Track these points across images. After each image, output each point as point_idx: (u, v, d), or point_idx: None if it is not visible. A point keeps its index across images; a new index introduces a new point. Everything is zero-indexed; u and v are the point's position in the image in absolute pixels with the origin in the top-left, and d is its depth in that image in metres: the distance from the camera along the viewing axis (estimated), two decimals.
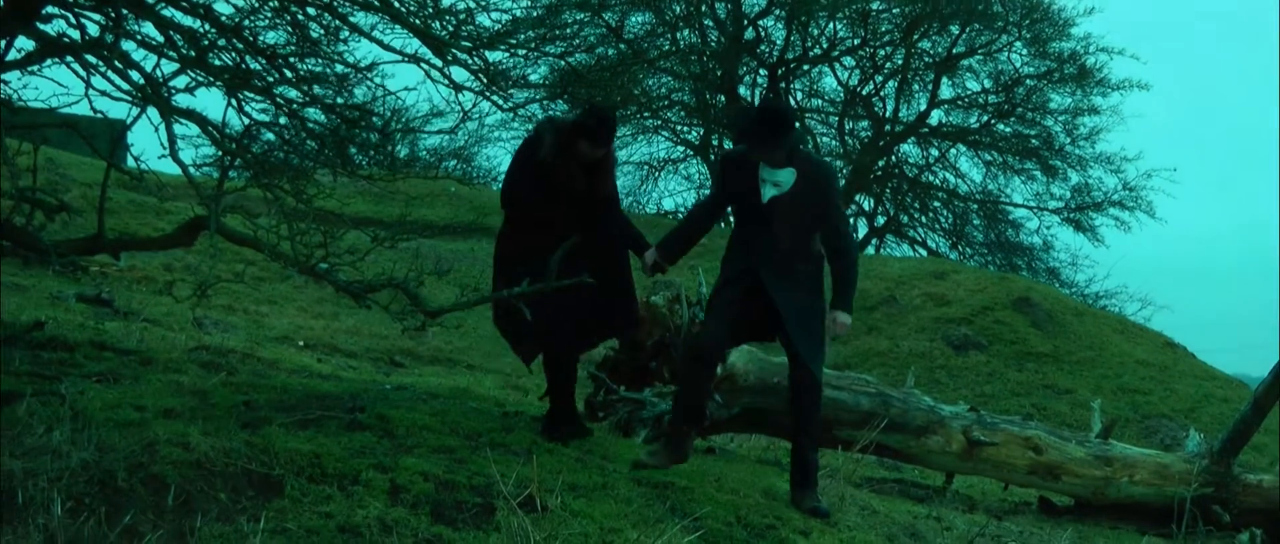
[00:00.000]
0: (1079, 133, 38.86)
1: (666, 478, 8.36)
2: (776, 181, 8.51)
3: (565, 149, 8.76)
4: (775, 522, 7.99)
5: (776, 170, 8.50)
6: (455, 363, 17.05)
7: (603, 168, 8.95)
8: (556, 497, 7.07)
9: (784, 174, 8.50)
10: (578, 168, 8.79)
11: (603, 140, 8.81)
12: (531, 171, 8.84)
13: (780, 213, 8.52)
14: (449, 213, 27.92)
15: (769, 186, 8.51)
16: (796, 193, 8.51)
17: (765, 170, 8.52)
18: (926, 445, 11.93)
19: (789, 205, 8.52)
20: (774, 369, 11.78)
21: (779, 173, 8.51)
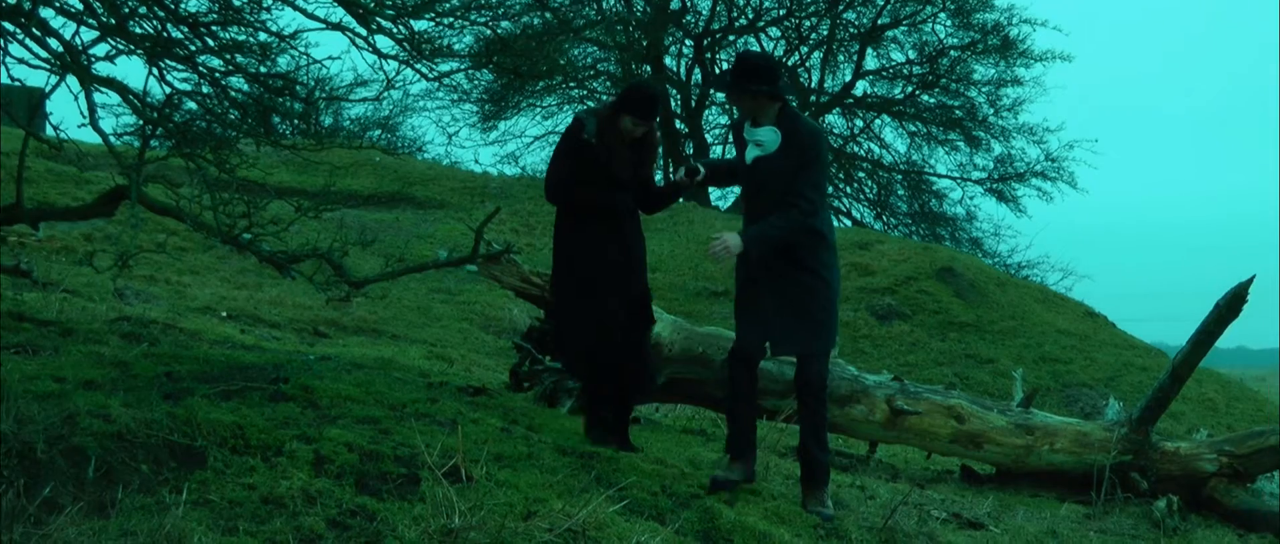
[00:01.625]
0: (1002, 104, 39.22)
1: (592, 448, 8.37)
2: (758, 141, 8.18)
3: (608, 129, 8.51)
4: (700, 491, 8.02)
5: (757, 129, 8.19)
6: (380, 333, 16.98)
7: (646, 147, 8.73)
8: (482, 467, 7.06)
9: (765, 133, 8.16)
10: (623, 147, 8.56)
11: (647, 114, 8.56)
12: (574, 159, 8.55)
13: (761, 177, 8.18)
14: (373, 183, 27.80)
15: (752, 147, 8.21)
16: (779, 155, 8.11)
17: (748, 130, 8.25)
18: (850, 415, 11.99)
19: (769, 169, 8.14)
20: (699, 339, 11.81)
21: (759, 131, 8.18)
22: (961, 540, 8.99)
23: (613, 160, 8.50)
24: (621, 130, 8.50)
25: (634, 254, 8.71)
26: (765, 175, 8.12)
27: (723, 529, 7.40)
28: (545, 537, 6.24)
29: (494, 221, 12.06)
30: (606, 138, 8.49)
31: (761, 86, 8.06)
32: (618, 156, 8.52)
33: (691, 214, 30.71)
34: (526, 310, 16.61)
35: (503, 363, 15.08)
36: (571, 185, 8.56)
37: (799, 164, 8.06)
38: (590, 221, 8.58)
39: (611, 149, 8.49)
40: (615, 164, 8.52)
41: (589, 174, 8.51)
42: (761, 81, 8.06)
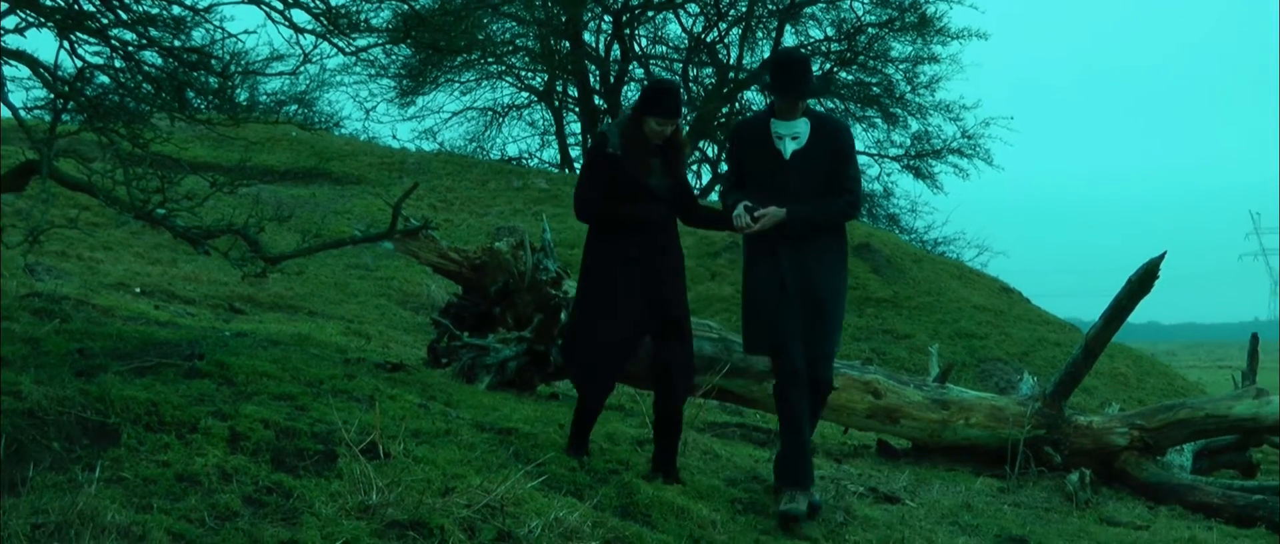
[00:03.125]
0: (919, 81, 39.36)
1: (510, 424, 8.36)
2: (794, 134, 8.08)
3: (633, 137, 8.07)
4: (618, 466, 8.03)
5: (792, 122, 8.10)
6: (297, 309, 16.88)
7: (673, 148, 8.18)
8: (399, 443, 7.04)
9: (800, 125, 8.10)
10: (649, 155, 8.08)
11: (670, 111, 8.05)
12: (602, 173, 8.10)
13: (797, 169, 8.06)
14: (290, 158, 27.62)
15: (788, 141, 8.07)
16: (811, 146, 8.08)
17: (780, 125, 8.10)
18: (768, 390, 11.99)
19: (805, 161, 8.08)
20: None
21: (795, 124, 8.10)
22: (878, 514, 9.05)
23: (642, 170, 8.07)
24: (647, 135, 8.04)
25: (668, 269, 8.18)
26: (802, 167, 8.07)
27: (641, 505, 7.42)
28: (463, 513, 6.23)
29: (412, 197, 12.01)
30: (632, 147, 8.06)
31: (817, 86, 8.07)
32: (643, 165, 8.07)
33: None
34: (445, 286, 16.56)
35: (421, 339, 15.03)
36: (599, 201, 8.10)
37: (838, 155, 8.17)
38: (623, 237, 8.11)
39: (637, 158, 8.05)
40: (642, 173, 8.07)
41: (619, 188, 8.07)
42: (813, 81, 8.17)
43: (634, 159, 8.04)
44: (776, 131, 8.09)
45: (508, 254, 11.61)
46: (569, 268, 12.59)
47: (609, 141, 8.12)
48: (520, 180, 30.71)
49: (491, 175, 30.89)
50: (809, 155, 8.07)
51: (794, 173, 8.06)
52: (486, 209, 27.32)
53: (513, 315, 11.62)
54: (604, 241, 8.18)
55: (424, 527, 6.02)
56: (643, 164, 8.06)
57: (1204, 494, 11.59)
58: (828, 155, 8.12)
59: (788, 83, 8.08)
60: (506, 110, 41.35)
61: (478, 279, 11.73)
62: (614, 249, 8.12)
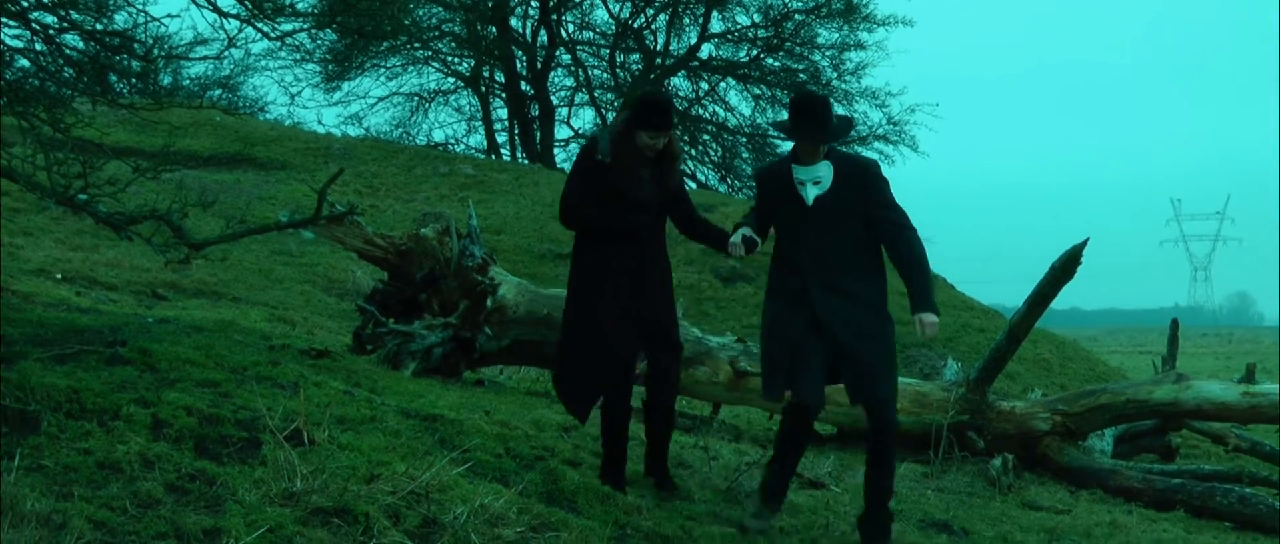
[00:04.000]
0: (846, 68, 39.70)
1: (436, 410, 8.35)
2: (815, 179, 7.71)
3: (624, 147, 7.87)
4: (544, 452, 8.04)
5: (813, 167, 7.73)
6: (220, 296, 16.77)
7: (667, 158, 8.01)
8: (324, 430, 7.01)
9: (821, 170, 7.72)
10: (640, 166, 7.91)
11: (662, 125, 7.85)
12: (589, 180, 7.92)
13: (824, 215, 7.68)
14: (214, 143, 27.40)
15: (810, 187, 7.71)
16: (837, 191, 7.68)
17: (801, 171, 7.75)
18: (694, 376, 12.08)
19: (831, 206, 7.68)
20: (544, 301, 11.82)
21: (816, 169, 7.73)
22: (803, 500, 9.10)
23: (628, 180, 7.87)
24: (639, 147, 7.86)
25: (655, 279, 8.01)
26: (829, 213, 7.68)
27: (566, 491, 7.42)
28: (388, 500, 6.21)
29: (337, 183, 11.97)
30: (622, 157, 7.86)
31: (831, 122, 7.77)
32: (632, 175, 7.87)
33: (537, 176, 30.68)
34: (370, 272, 16.48)
35: (345, 325, 14.97)
36: (583, 208, 7.92)
37: (872, 197, 7.72)
38: (607, 245, 7.93)
39: (626, 168, 7.86)
40: (630, 183, 7.87)
41: (604, 195, 7.88)
42: (830, 117, 7.76)
43: (623, 168, 7.85)
44: (798, 177, 7.75)
45: (434, 240, 11.59)
46: (495, 254, 12.58)
47: (598, 148, 7.94)
48: (446, 166, 30.63)
49: (417, 161, 30.78)
50: (835, 200, 7.68)
51: (819, 219, 7.68)
52: (412, 195, 27.22)
53: (439, 302, 11.59)
54: (589, 251, 8.01)
55: (348, 514, 6.00)
56: (632, 174, 7.87)
57: (1124, 478, 11.72)
58: (857, 199, 7.69)
59: (807, 126, 7.69)
60: (433, 96, 41.30)
61: (403, 265, 11.70)
62: (599, 259, 7.95)
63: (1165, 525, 10.30)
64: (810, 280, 7.65)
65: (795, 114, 7.76)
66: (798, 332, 7.67)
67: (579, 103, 42.95)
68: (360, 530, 5.91)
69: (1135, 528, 10.04)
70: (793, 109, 7.83)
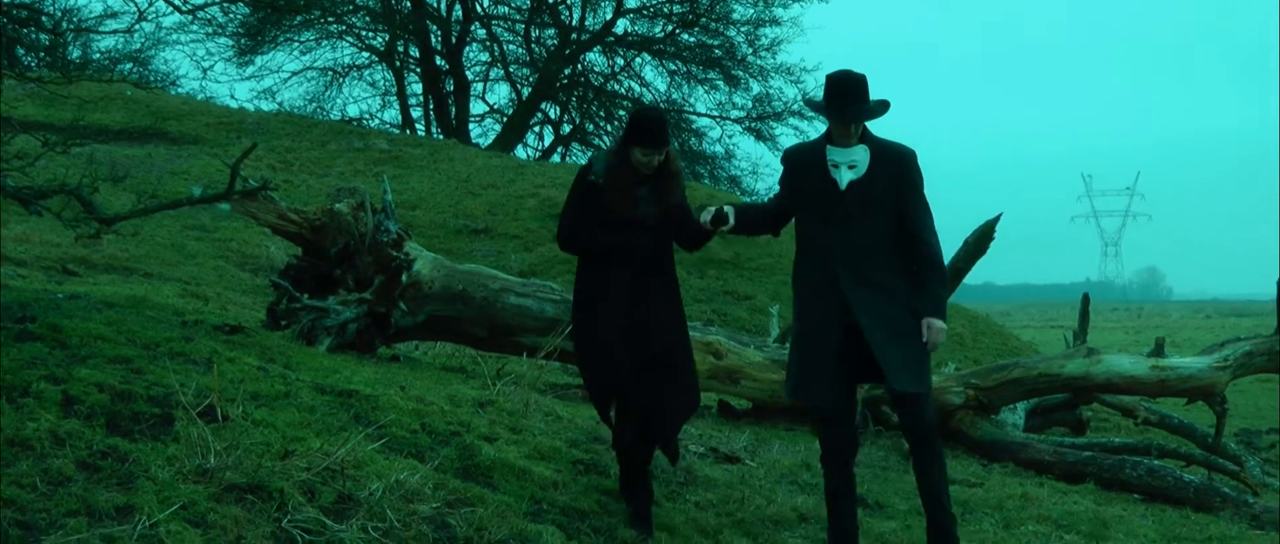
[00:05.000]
0: (761, 43, 39.76)
1: (351, 386, 8.31)
2: (851, 162, 7.36)
3: (619, 167, 7.56)
4: (460, 428, 8.02)
5: (849, 150, 7.39)
6: (132, 271, 16.59)
7: (666, 176, 7.64)
8: (238, 406, 6.97)
9: (858, 153, 7.38)
10: (635, 186, 7.56)
11: (656, 142, 7.52)
12: (586, 201, 7.62)
13: (857, 201, 7.35)
14: (125, 117, 27.10)
15: (844, 169, 7.36)
16: (873, 176, 7.35)
17: (836, 152, 7.40)
18: None
19: (865, 191, 7.36)
20: (459, 276, 11.79)
21: (852, 152, 7.38)
22: (719, 475, 9.13)
23: (623, 200, 7.53)
24: (634, 166, 7.54)
25: (655, 301, 7.61)
26: (861, 199, 7.34)
27: (482, 466, 7.42)
28: (303, 476, 6.19)
29: (251, 158, 11.88)
30: (617, 177, 7.55)
31: (876, 108, 7.42)
32: (627, 194, 7.53)
33: (452, 152, 30.58)
34: (284, 248, 16.38)
35: (259, 301, 14.86)
36: (579, 231, 7.64)
37: (905, 186, 7.41)
38: (605, 269, 7.61)
39: (621, 187, 7.53)
40: (626, 203, 7.53)
41: (600, 216, 7.57)
42: (872, 103, 7.39)
43: (617, 189, 7.54)
44: (832, 160, 7.39)
45: (348, 215, 11.53)
46: (410, 229, 12.53)
47: (592, 169, 7.68)
48: (361, 141, 30.47)
49: (332, 136, 30.60)
50: (869, 186, 7.35)
51: (852, 205, 7.34)
52: (327, 170, 27.06)
53: (353, 277, 11.54)
54: (587, 274, 7.73)
55: (263, 490, 5.97)
56: (627, 194, 7.54)
57: (1036, 452, 11.87)
58: (891, 187, 7.37)
59: (844, 106, 7.32)
60: (347, 70, 41.01)
61: (318, 241, 11.63)
62: (596, 282, 7.65)
63: (1076, 498, 10.43)
64: (840, 270, 7.34)
65: (831, 92, 7.38)
66: (824, 329, 7.37)
67: (494, 78, 42.89)
68: (274, 507, 5.89)
69: (1046, 500, 10.16)
70: (829, 87, 7.40)
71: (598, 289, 7.62)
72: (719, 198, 27.63)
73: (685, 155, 41.12)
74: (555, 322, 11.58)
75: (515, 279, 12.46)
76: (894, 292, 7.36)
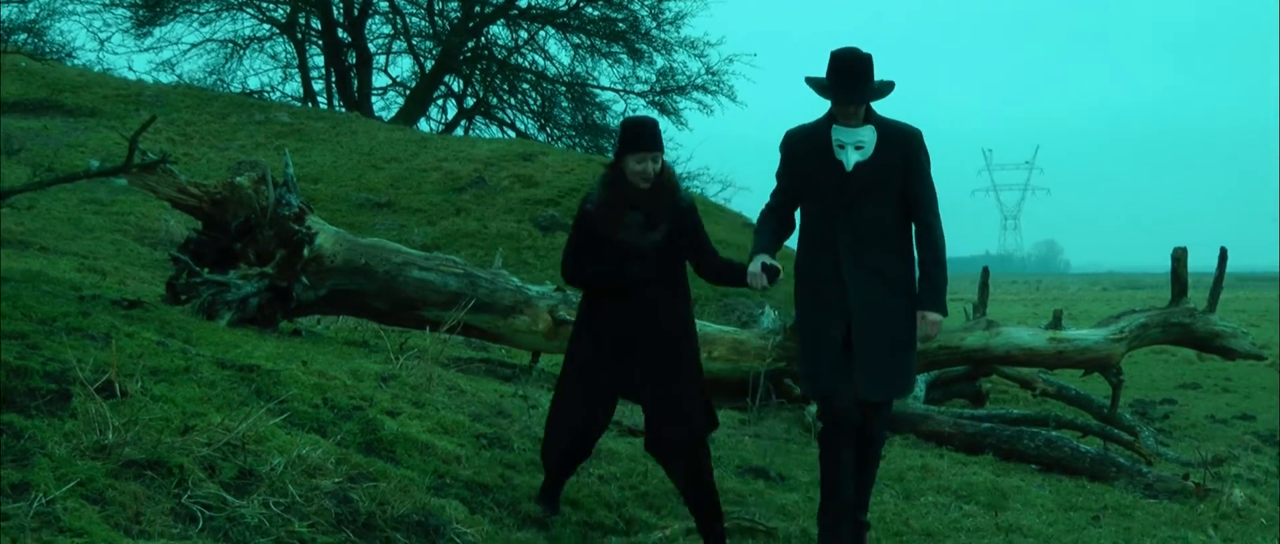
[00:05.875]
0: (664, 17, 39.81)
1: (252, 360, 8.26)
2: (858, 142, 7.05)
3: (614, 186, 7.14)
4: (362, 402, 8.00)
5: (857, 129, 7.08)
6: (28, 246, 16.36)
7: (661, 193, 7.17)
8: (137, 381, 6.90)
9: (865, 133, 7.07)
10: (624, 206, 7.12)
11: (648, 144, 7.09)
12: (585, 233, 7.22)
13: (864, 182, 7.05)
14: (19, 89, 26.72)
15: (851, 150, 7.05)
16: (879, 157, 7.05)
17: (842, 132, 7.08)
18: (514, 325, 12.09)
19: (872, 173, 7.06)
20: (362, 250, 11.73)
21: (860, 132, 7.07)
22: (622, 448, 9.16)
23: (615, 225, 7.13)
24: (630, 181, 7.11)
25: (654, 335, 7.16)
26: (867, 182, 7.04)
27: (385, 441, 7.40)
28: (203, 451, 6.15)
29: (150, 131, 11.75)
30: (610, 200, 7.14)
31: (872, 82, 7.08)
32: (614, 212, 7.12)
33: (354, 125, 30.39)
34: (184, 222, 16.22)
35: (159, 275, 14.71)
36: (580, 265, 7.26)
37: (912, 168, 7.13)
38: (602, 302, 7.25)
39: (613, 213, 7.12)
40: (611, 223, 7.14)
41: (597, 248, 7.19)
42: (877, 82, 7.09)
43: (608, 213, 7.14)
44: (838, 140, 7.08)
45: (249, 189, 11.43)
46: (312, 203, 12.45)
47: (589, 197, 7.28)
48: (262, 114, 30.20)
49: (232, 109, 30.30)
50: (876, 167, 7.06)
51: (858, 188, 7.04)
52: (227, 143, 26.81)
53: (255, 251, 11.45)
54: (584, 308, 7.37)
55: (162, 466, 5.92)
56: (614, 212, 7.13)
57: (936, 423, 12.00)
58: (898, 168, 7.08)
59: (850, 85, 7.02)
60: (247, 42, 40.58)
61: (218, 215, 11.53)
62: (591, 316, 7.29)
63: (975, 468, 10.56)
64: (844, 258, 7.08)
65: (834, 71, 7.07)
66: (831, 322, 7.08)
67: (397, 51, 42.64)
68: (174, 483, 5.84)
69: (946, 471, 10.28)
70: (832, 66, 7.08)
71: (589, 326, 7.27)
72: None
73: (589, 128, 41.13)
74: (458, 295, 11.57)
75: (418, 253, 12.41)
76: (896, 280, 7.12)
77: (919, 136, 7.20)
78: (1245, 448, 14.00)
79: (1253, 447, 14.23)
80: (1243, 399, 20.35)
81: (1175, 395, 20.54)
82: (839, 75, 7.02)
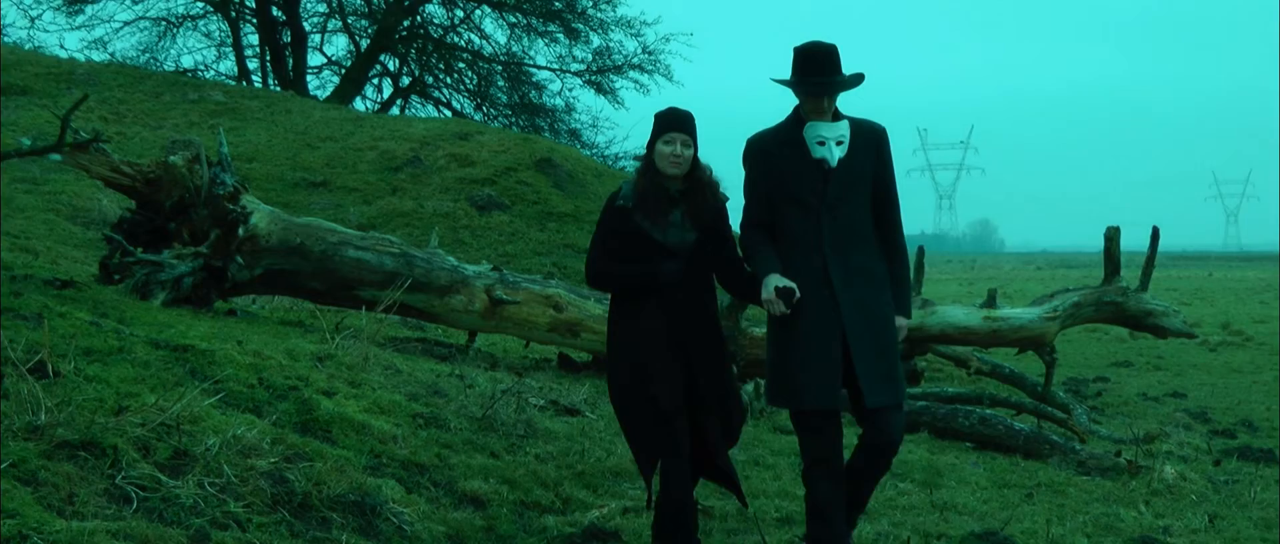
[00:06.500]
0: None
1: (186, 341, 8.21)
2: (839, 137, 6.65)
3: (648, 179, 6.81)
4: (298, 382, 7.97)
5: (835, 124, 6.68)
6: None
7: (697, 188, 6.89)
8: (70, 362, 6.85)
9: (842, 128, 6.68)
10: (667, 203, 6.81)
11: (680, 126, 6.81)
12: (614, 232, 6.87)
13: (846, 181, 6.66)
14: None
15: (832, 146, 6.63)
16: (853, 155, 6.67)
17: (821, 127, 6.66)
18: (450, 304, 12.07)
19: (850, 171, 6.68)
20: (297, 230, 11.68)
21: (838, 127, 6.68)
22: (559, 427, 9.18)
23: (656, 222, 6.79)
24: (661, 172, 6.79)
25: (693, 336, 6.86)
26: (847, 180, 6.66)
27: (321, 420, 7.39)
28: (138, 431, 6.11)
29: (82, 109, 11.65)
30: (647, 195, 6.81)
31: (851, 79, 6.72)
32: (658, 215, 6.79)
33: (289, 104, 30.22)
34: (117, 201, 16.08)
35: (92, 255, 14.61)
36: (608, 265, 6.89)
37: (884, 166, 6.81)
38: (638, 302, 6.86)
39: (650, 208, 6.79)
40: (660, 227, 6.80)
41: (629, 245, 6.82)
42: (846, 75, 6.71)
43: (647, 208, 6.80)
44: (818, 135, 6.66)
45: (183, 168, 11.35)
46: (247, 182, 12.38)
47: (620, 193, 6.92)
48: (196, 93, 29.99)
49: (165, 87, 30.08)
50: (851, 166, 6.69)
51: (839, 186, 6.67)
52: (161, 122, 26.61)
53: (189, 230, 11.38)
54: (619, 310, 6.96)
55: (96, 447, 5.89)
56: (658, 214, 6.80)
57: None
58: (871, 165, 6.74)
59: (818, 78, 6.64)
60: (181, 20, 40.30)
61: (152, 194, 11.45)
62: (628, 317, 6.88)
63: (910, 446, 10.61)
64: (831, 261, 6.66)
65: (802, 64, 6.70)
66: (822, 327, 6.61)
67: (332, 29, 42.45)
68: (108, 464, 5.81)
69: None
70: (799, 59, 6.72)
71: (631, 329, 6.87)
72: (560, 151, 27.60)
73: (525, 108, 41.07)
74: (394, 275, 11.54)
75: (354, 233, 12.37)
76: (882, 280, 6.72)
77: (886, 133, 6.87)
78: (1176, 425, 14.14)
79: (1184, 424, 14.36)
80: (1174, 377, 20.55)
81: (1108, 373, 20.73)
82: (809, 69, 6.65)
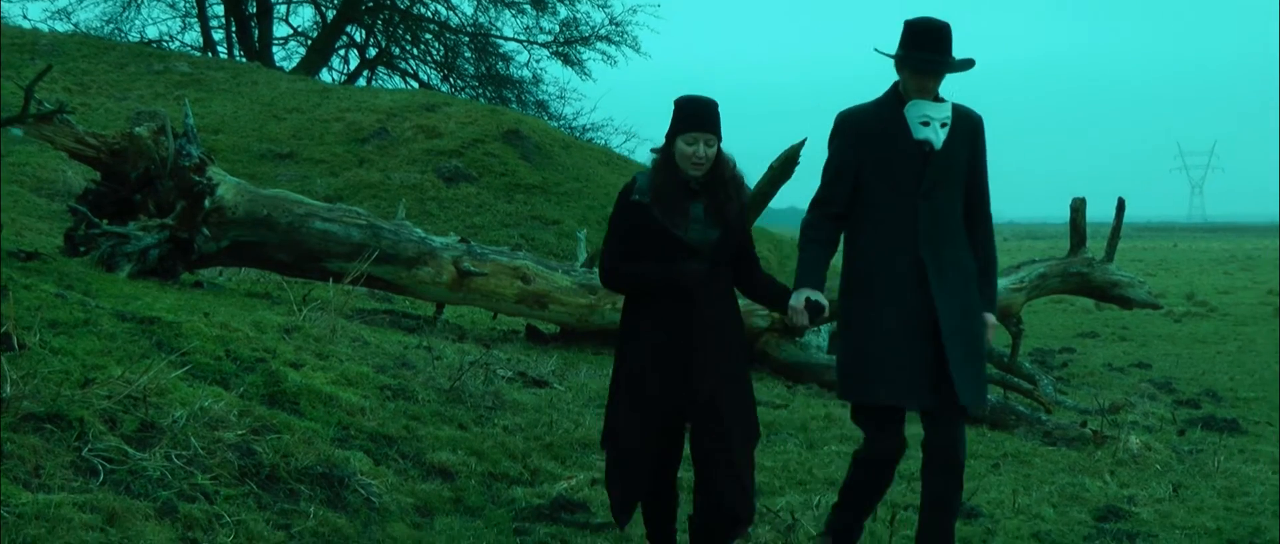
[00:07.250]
0: None
1: (153, 313, 8.18)
2: (944, 119, 6.23)
3: (666, 173, 6.23)
4: (265, 354, 7.96)
5: (940, 105, 6.25)
6: None
7: (719, 184, 6.28)
8: (35, 334, 6.82)
9: (946, 110, 6.26)
10: (687, 198, 6.21)
11: (702, 123, 6.22)
12: (629, 228, 6.30)
13: (943, 167, 6.24)
14: None
15: (936, 127, 6.20)
16: (951, 141, 6.25)
17: (926, 106, 6.22)
18: (418, 276, 12.05)
19: (949, 157, 6.26)
20: (264, 201, 11.65)
21: (943, 108, 6.25)
22: (527, 398, 9.18)
23: (676, 219, 6.20)
24: (681, 168, 6.20)
25: (706, 343, 6.23)
26: (946, 165, 6.25)
27: (288, 392, 7.37)
28: (104, 404, 6.10)
29: (46, 80, 11.57)
30: (664, 190, 6.22)
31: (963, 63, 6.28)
32: (678, 211, 6.19)
33: (255, 75, 30.08)
34: (82, 172, 16.00)
35: (57, 227, 14.54)
36: (623, 263, 6.33)
37: (979, 155, 6.43)
38: (651, 304, 6.29)
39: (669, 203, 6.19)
40: (680, 224, 6.21)
41: (646, 243, 6.26)
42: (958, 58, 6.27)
43: (666, 204, 6.22)
44: (922, 115, 6.20)
45: (148, 139, 11.30)
46: (213, 153, 12.33)
47: (635, 187, 6.34)
48: (161, 64, 29.82)
49: (130, 58, 29.90)
50: (951, 151, 6.26)
51: (938, 172, 6.25)
52: (125, 93, 26.46)
53: (154, 202, 11.33)
54: (630, 311, 6.41)
55: (62, 419, 5.87)
56: (677, 211, 6.22)
57: None
58: (967, 154, 6.33)
59: (933, 57, 6.18)
60: None
61: (117, 165, 11.39)
62: (638, 320, 6.32)
63: None
64: (926, 253, 6.23)
65: (914, 40, 6.23)
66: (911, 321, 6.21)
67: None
68: (75, 436, 5.79)
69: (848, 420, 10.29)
70: (911, 34, 6.24)
71: (638, 332, 6.33)
72: (527, 123, 27.55)
73: (492, 79, 40.99)
74: (361, 247, 11.52)
75: (321, 204, 12.35)
76: (971, 276, 6.33)
77: (983, 122, 6.47)
78: (1141, 396, 14.23)
79: (1149, 394, 14.45)
80: (1139, 348, 20.67)
81: (1074, 344, 20.84)
82: (922, 45, 6.19)
